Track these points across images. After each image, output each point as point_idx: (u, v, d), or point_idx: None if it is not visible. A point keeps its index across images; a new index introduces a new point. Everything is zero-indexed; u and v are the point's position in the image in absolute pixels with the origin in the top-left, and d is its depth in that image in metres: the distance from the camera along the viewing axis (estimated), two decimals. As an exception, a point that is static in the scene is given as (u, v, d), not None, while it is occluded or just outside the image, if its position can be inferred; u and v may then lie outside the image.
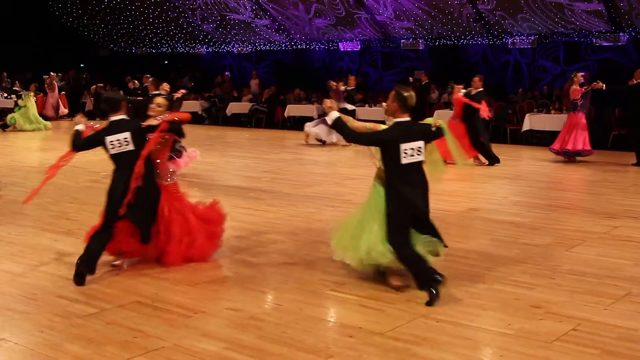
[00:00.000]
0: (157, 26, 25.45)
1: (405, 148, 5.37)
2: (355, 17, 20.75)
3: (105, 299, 5.21)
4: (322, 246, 6.85)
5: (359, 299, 5.24)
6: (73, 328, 4.61)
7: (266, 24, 22.94)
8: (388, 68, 23.05)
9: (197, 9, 23.58)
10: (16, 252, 6.50)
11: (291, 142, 17.14)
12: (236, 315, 4.88)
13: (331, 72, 23.81)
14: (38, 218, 8.02)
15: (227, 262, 6.30)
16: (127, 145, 5.79)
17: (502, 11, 18.24)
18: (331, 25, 21.57)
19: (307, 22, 21.94)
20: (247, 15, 22.73)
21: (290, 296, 5.31)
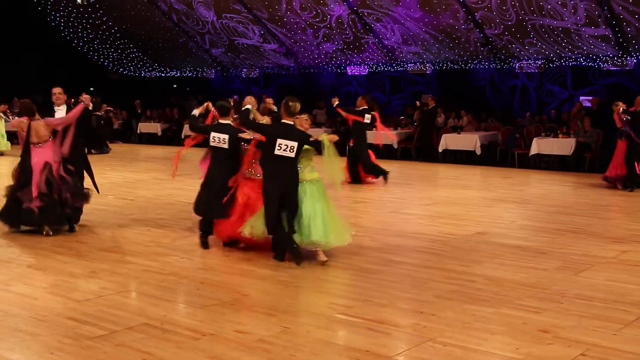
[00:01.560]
0: (166, 50, 25.71)
1: (280, 143, 6.96)
2: (363, 41, 20.94)
3: (114, 320, 5.24)
4: (330, 270, 6.89)
5: (366, 322, 5.26)
6: (82, 350, 4.65)
7: (274, 48, 23.15)
8: (395, 92, 23.21)
9: (206, 34, 23.83)
10: (27, 274, 6.55)
11: (299, 165, 17.20)
12: (244, 338, 4.90)
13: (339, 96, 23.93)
14: (47, 240, 8.07)
15: (235, 285, 6.33)
16: (223, 144, 7.48)
17: (510, 36, 18.38)
18: (339, 49, 21.76)
19: (315, 47, 22.14)
20: (255, 39, 22.96)
21: (298, 319, 5.34)
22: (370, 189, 13.03)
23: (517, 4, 17.13)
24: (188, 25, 23.83)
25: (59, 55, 25.36)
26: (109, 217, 9.58)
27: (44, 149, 8.29)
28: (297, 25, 21.34)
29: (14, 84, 23.29)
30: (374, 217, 9.91)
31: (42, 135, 8.29)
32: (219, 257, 7.39)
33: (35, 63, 24.62)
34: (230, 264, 7.17)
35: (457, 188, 13.23)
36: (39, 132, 8.29)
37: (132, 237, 8.33)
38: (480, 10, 17.88)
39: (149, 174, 15.05)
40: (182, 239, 8.06)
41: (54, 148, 8.36)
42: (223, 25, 22.84)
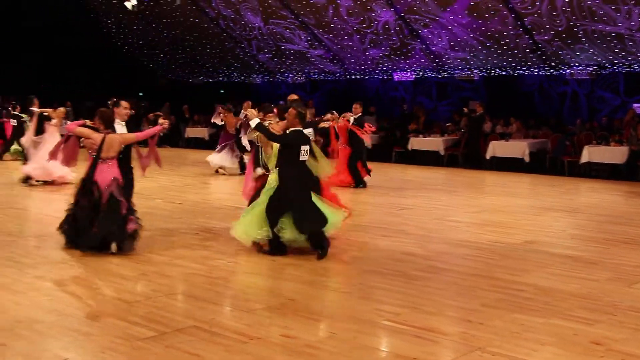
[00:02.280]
0: (214, 56, 26.03)
1: (303, 149, 7.57)
2: (409, 47, 20.88)
3: (164, 322, 5.33)
4: (376, 276, 6.90)
5: (414, 330, 5.25)
6: (134, 350, 4.74)
7: (321, 54, 23.24)
8: (442, 98, 23.08)
9: (253, 40, 24.05)
10: (80, 275, 6.71)
11: (344, 171, 17.21)
12: (291, 343, 4.94)
13: (385, 102, 23.95)
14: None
15: (281, 290, 6.38)
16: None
17: (560, 42, 18.12)
18: (385, 55, 21.74)
19: (361, 52, 22.16)
20: (302, 45, 23.09)
21: (345, 325, 5.36)
22: (416, 196, 12.97)
23: (568, 10, 16.88)
24: (235, 31, 24.10)
25: (108, 60, 25.87)
26: (158, 221, 9.73)
27: (111, 166, 7.63)
28: (343, 31, 21.39)
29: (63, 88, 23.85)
30: (419, 224, 9.87)
31: (113, 151, 7.64)
32: (265, 262, 7.45)
33: (85, 68, 25.16)
34: (277, 268, 7.23)
35: (504, 196, 13.10)
36: (112, 147, 7.61)
37: (180, 241, 8.46)
38: (529, 16, 17.67)
39: (196, 178, 15.26)
40: (228, 242, 8.14)
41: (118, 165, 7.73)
42: (270, 31, 23.04)
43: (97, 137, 7.62)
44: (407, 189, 13.92)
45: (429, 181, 15.68)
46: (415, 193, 13.36)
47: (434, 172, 17.88)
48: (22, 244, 8.16)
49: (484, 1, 17.77)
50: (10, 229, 9.13)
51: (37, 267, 7.00)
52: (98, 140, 7.60)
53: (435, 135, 20.09)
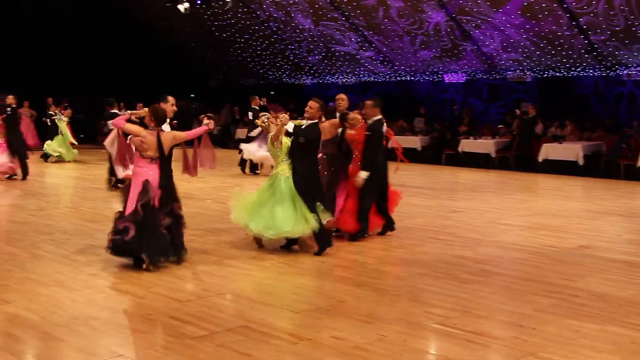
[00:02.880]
0: (264, 58, 26.23)
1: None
2: (460, 48, 20.69)
3: (215, 322, 5.39)
4: (426, 278, 6.85)
5: (464, 334, 5.20)
6: (185, 349, 4.81)
7: (371, 56, 23.20)
8: (494, 100, 22.78)
9: (303, 41, 24.15)
10: (134, 274, 6.80)
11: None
12: (341, 344, 4.94)
13: (435, 104, 23.78)
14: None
15: (331, 291, 6.39)
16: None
17: (617, 42, 17.72)
18: (436, 57, 21.58)
19: (411, 54, 22.05)
20: (352, 47, 23.08)
21: (395, 327, 5.34)
22: (467, 198, 12.84)
23: (627, 9, 16.49)
24: (286, 33, 24.24)
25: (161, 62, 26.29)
26: (208, 221, 9.85)
27: (156, 166, 7.06)
28: (394, 33, 21.31)
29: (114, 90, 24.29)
30: (471, 227, 9.77)
31: (165, 148, 7.10)
32: (314, 263, 7.48)
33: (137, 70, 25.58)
34: (326, 269, 7.24)
35: (558, 199, 12.87)
36: (164, 145, 7.08)
37: (231, 241, 8.54)
38: (585, 16, 17.33)
39: (247, 179, 15.39)
40: (278, 243, 8.18)
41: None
42: (320, 32, 23.10)
43: (147, 135, 7.02)
44: (457, 192, 13.80)
45: (479, 184, 15.51)
46: (466, 195, 13.23)
47: (484, 174, 17.68)
48: (77, 242, 8.35)
49: (537, 1, 17.49)
50: (66, 227, 9.36)
51: (92, 265, 7.17)
52: (149, 138, 7.00)
53: (487, 137, 19.87)
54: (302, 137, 7.84)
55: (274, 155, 8.04)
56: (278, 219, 7.63)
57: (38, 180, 14.97)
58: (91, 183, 14.24)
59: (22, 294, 6.07)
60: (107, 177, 13.39)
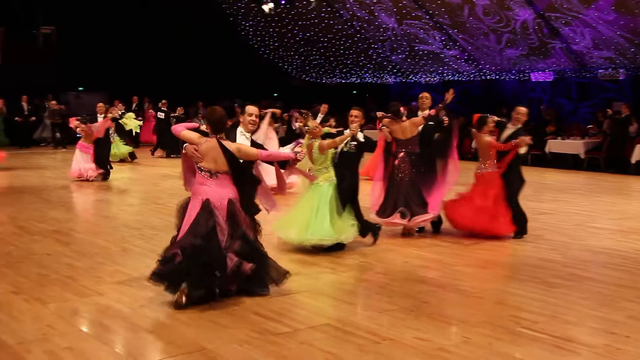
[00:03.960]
0: (347, 57, 26.25)
1: None
2: (549, 46, 20.13)
3: (298, 319, 5.42)
4: (513, 281, 6.70)
5: (552, 339, 5.04)
6: (268, 345, 4.86)
7: (455, 55, 22.88)
8: (583, 99, 22.06)
9: (386, 40, 24.04)
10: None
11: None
12: (424, 345, 4.88)
13: (522, 103, 23.18)
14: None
15: (415, 292, 6.32)
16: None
17: None
18: (523, 55, 21.07)
19: (497, 53, 21.60)
20: (436, 45, 22.82)
21: (480, 330, 5.23)
22: (555, 200, 12.47)
23: None
24: (369, 32, 24.18)
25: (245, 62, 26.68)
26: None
27: (220, 181, 5.86)
28: (479, 31, 20.94)
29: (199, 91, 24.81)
30: (559, 230, 9.49)
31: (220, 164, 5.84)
32: (398, 262, 7.43)
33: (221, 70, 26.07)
34: (410, 269, 7.18)
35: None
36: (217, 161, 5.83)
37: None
38: (683, 11, 16.57)
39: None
40: (360, 242, 8.15)
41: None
42: (404, 31, 22.94)
43: (202, 143, 5.84)
44: (544, 193, 13.42)
45: (567, 185, 15.05)
46: (553, 197, 12.86)
47: (573, 176, 17.14)
48: (164, 237, 8.55)
49: (632, -4, 16.84)
50: (154, 222, 9.62)
51: (179, 260, 7.31)
52: (204, 147, 5.83)
53: (575, 137, 19.25)
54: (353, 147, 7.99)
55: (317, 161, 7.82)
56: (321, 226, 7.61)
57: (124, 177, 15.46)
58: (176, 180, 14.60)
59: (113, 287, 6.28)
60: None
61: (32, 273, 6.73)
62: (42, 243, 8.19)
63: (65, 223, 9.53)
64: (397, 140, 8.79)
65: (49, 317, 5.38)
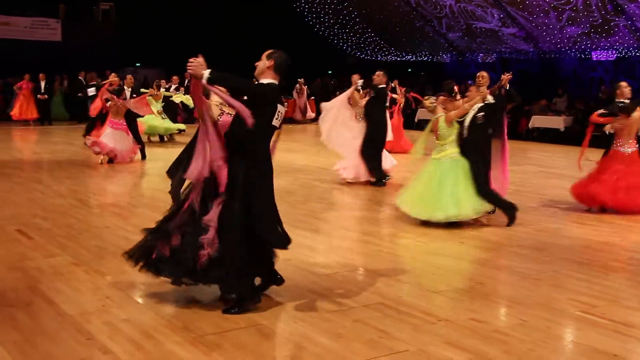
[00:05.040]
0: (403, 34, 25.95)
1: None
2: (612, 24, 19.51)
3: (351, 297, 5.40)
4: (570, 264, 6.55)
5: (612, 324, 4.91)
6: (323, 322, 4.85)
7: (513, 32, 22.39)
8: (648, 79, 21.38)
9: (443, 18, 23.67)
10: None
11: (535, 154, 16.53)
12: (480, 327, 4.81)
13: (582, 83, 22.63)
14: (290, 215, 8.49)
15: (471, 273, 6.24)
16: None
17: None
18: (584, 33, 20.49)
19: (557, 30, 21.05)
20: (494, 23, 22.36)
21: (536, 313, 5.13)
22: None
23: None
24: (426, 10, 23.83)
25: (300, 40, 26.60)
26: (346, 197, 9.88)
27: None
28: (539, 8, 20.42)
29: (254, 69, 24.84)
30: (618, 213, 9.22)
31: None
32: (453, 243, 7.33)
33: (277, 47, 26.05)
34: (465, 250, 7.09)
35: None
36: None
37: (368, 218, 8.53)
38: None
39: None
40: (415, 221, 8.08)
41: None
42: (461, 9, 22.53)
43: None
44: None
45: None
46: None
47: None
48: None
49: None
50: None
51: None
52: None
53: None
54: (481, 117, 7.83)
55: (443, 137, 7.88)
56: (447, 202, 7.67)
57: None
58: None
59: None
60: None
61: (92, 245, 6.87)
62: (101, 216, 8.36)
63: (122, 197, 9.70)
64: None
65: (108, 289, 5.49)
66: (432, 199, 7.74)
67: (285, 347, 4.48)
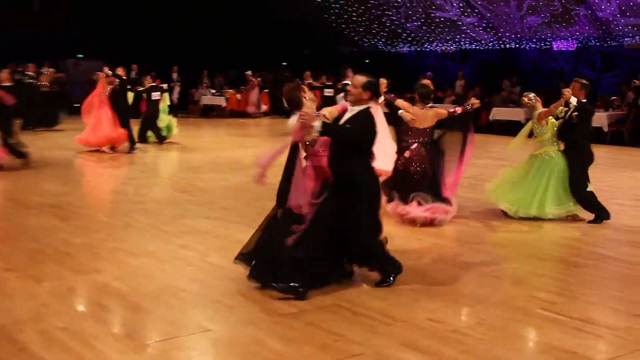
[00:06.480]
0: (360, 24, 25.97)
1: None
2: (572, 13, 19.84)
3: (306, 299, 5.36)
4: (532, 260, 6.64)
5: (572, 321, 4.98)
6: (275, 325, 4.82)
7: (473, 22, 22.61)
8: (608, 69, 21.80)
9: (401, 7, 23.77)
10: (223, 246, 6.87)
11: (496, 146, 16.71)
12: (438, 327, 4.83)
13: (542, 74, 22.98)
14: (242, 213, 8.45)
15: (429, 271, 6.26)
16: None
17: None
18: (545, 23, 20.79)
19: (518, 20, 21.33)
20: (453, 12, 22.55)
21: (496, 311, 5.18)
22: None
23: None
24: (383, -2, 23.92)
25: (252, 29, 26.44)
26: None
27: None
28: (499, -3, 20.68)
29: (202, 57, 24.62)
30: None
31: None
32: (412, 241, 7.35)
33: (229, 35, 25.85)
34: (425, 249, 7.10)
35: None
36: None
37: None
38: None
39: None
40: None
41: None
42: (420, -3, 22.69)
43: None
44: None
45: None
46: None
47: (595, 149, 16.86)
48: (168, 212, 8.53)
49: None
50: (157, 196, 9.59)
51: (182, 236, 7.29)
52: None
53: (599, 110, 19.00)
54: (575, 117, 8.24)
55: (539, 133, 8.43)
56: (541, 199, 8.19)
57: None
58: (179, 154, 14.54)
59: (112, 264, 6.25)
60: None
61: (27, 249, 6.70)
62: (38, 217, 8.17)
63: (63, 197, 9.49)
64: (411, 128, 8.19)
65: (44, 295, 5.36)
66: (522, 195, 8.29)
67: (235, 352, 4.43)
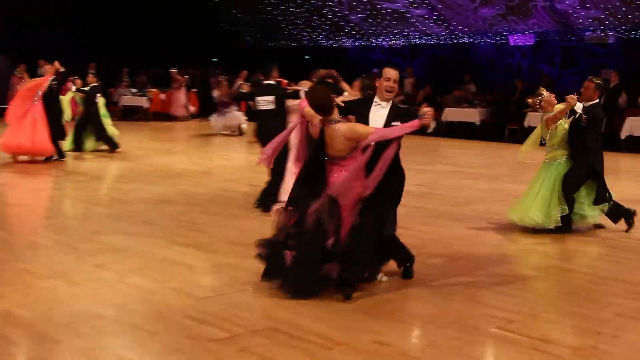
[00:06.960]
0: (298, 16, 26.07)
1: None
2: (530, 5, 20.32)
3: (238, 322, 5.36)
4: (486, 276, 6.75)
5: (530, 341, 5.08)
6: (202, 352, 4.80)
7: (423, 14, 22.94)
8: (568, 65, 22.39)
9: (344, -3, 23.99)
10: (143, 265, 6.84)
11: (448, 151, 16.99)
12: (384, 351, 4.88)
13: (498, 70, 23.45)
14: (166, 228, 8.40)
15: (376, 289, 6.30)
16: None
17: None
18: (500, 15, 21.24)
19: (471, 12, 21.73)
20: (401, 4, 22.84)
21: (448, 332, 5.25)
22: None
23: None
24: (323, -12, 24.09)
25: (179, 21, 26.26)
26: (232, 205, 9.84)
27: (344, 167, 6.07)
28: (450, -13, 21.05)
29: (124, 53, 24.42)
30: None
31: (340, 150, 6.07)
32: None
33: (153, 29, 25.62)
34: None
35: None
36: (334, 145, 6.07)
37: (258, 229, 8.50)
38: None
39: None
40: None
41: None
42: (364, -14, 22.93)
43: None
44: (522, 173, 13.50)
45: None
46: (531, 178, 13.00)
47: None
48: (81, 228, 8.41)
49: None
50: (69, 210, 9.44)
51: (97, 255, 7.19)
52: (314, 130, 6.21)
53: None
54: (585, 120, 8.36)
55: (549, 137, 8.61)
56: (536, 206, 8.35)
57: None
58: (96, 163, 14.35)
59: (16, 288, 6.12)
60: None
61: None
62: None
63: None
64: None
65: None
66: (528, 202, 8.52)
67: (157, 385, 4.40)
